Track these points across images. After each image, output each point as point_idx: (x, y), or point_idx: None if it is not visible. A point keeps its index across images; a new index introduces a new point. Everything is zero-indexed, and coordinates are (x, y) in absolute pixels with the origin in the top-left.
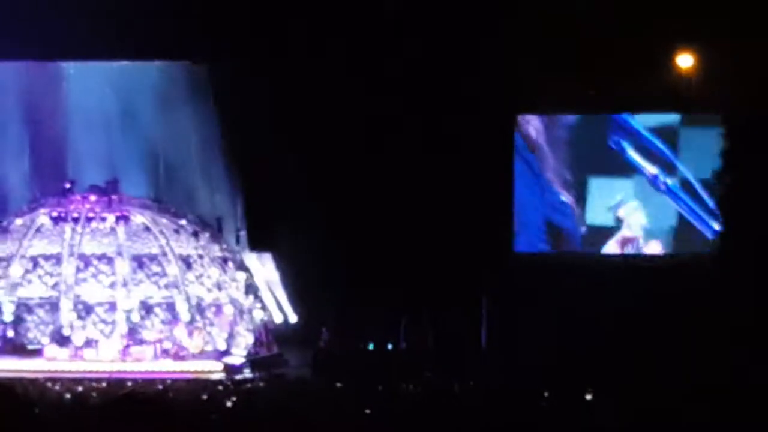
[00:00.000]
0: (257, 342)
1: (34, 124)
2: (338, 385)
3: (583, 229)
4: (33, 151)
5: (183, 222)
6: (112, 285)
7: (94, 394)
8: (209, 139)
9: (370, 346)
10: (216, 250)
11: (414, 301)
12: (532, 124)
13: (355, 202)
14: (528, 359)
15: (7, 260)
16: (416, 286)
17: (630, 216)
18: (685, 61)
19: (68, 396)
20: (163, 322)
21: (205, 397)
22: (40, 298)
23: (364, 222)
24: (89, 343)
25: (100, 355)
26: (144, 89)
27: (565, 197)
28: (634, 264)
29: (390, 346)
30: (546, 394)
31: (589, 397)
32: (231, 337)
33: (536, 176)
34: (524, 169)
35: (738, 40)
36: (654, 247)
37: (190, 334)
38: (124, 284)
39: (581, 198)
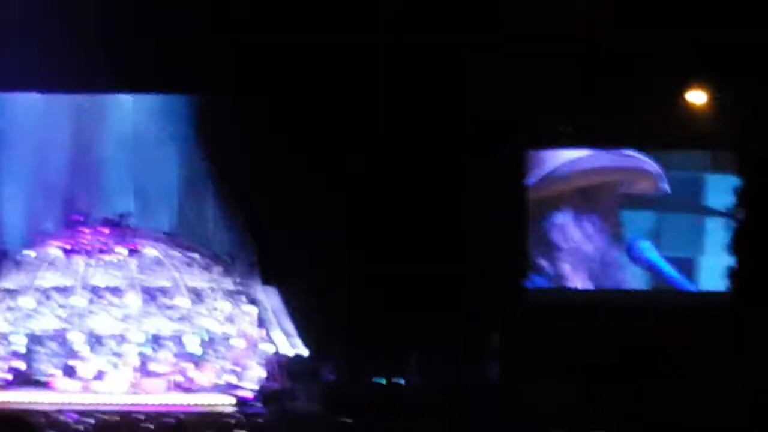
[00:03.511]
0: (268, 376)
1: (44, 156)
2: (347, 420)
3: None
4: (44, 183)
5: (195, 255)
6: (124, 317)
7: (105, 427)
8: (219, 170)
9: (381, 381)
10: (228, 284)
11: (425, 336)
12: None
13: (365, 235)
14: (541, 398)
15: (19, 292)
16: (428, 322)
17: None
18: (699, 97)
19: (80, 428)
20: (174, 355)
21: (216, 431)
22: (52, 330)
23: (376, 256)
24: (100, 375)
25: (111, 388)
26: (152, 121)
27: None
28: (651, 302)
29: (402, 381)
30: None
31: None
32: (242, 370)
33: None
34: None
35: (754, 77)
36: None
37: (201, 367)
38: (134, 316)
39: None
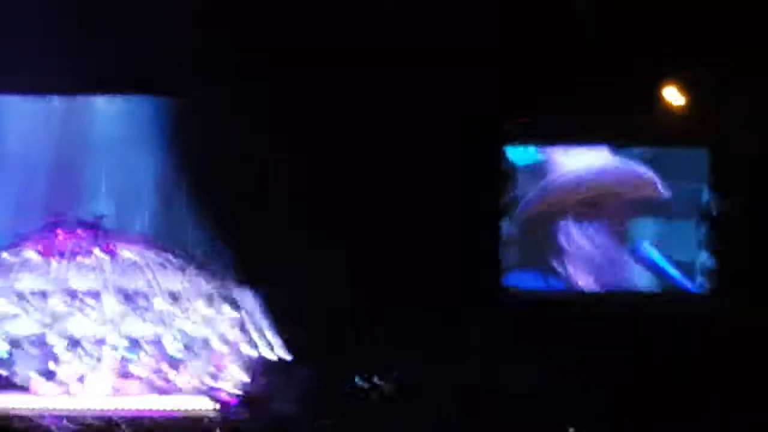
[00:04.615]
0: (246, 378)
1: (19, 158)
2: (326, 421)
3: None
4: (18, 185)
5: (170, 256)
6: (102, 320)
7: (84, 430)
8: (194, 172)
9: (358, 382)
10: (204, 285)
11: (401, 336)
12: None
13: (344, 235)
14: (514, 397)
15: None
16: (403, 321)
17: None
18: (673, 94)
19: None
20: (152, 357)
21: None
22: (28, 333)
23: (351, 256)
24: (78, 378)
25: (88, 391)
26: (126, 123)
27: None
28: (626, 302)
29: (382, 383)
30: None
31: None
32: (220, 372)
33: None
34: None
35: (727, 72)
36: None
37: (178, 369)
38: (112, 319)
39: None
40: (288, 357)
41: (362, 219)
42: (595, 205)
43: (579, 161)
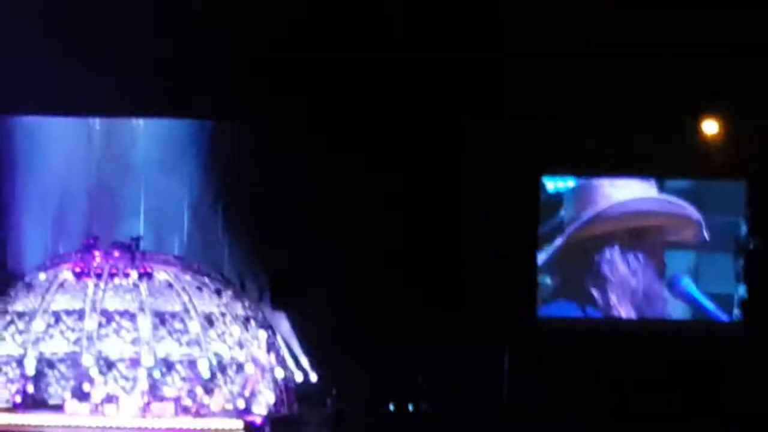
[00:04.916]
0: (278, 401)
1: (57, 179)
2: None
3: None
4: (55, 206)
5: (206, 279)
6: (134, 341)
7: None
8: (229, 195)
9: (391, 407)
10: (238, 308)
11: (435, 361)
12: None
13: (375, 260)
14: (547, 422)
15: (30, 315)
16: (437, 346)
17: None
18: (710, 126)
19: None
20: (184, 379)
21: None
22: (62, 353)
23: (384, 279)
24: (110, 398)
25: (121, 411)
26: (163, 146)
27: None
28: (660, 330)
29: (411, 406)
30: None
31: None
32: (252, 395)
33: None
34: None
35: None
36: None
37: (211, 391)
38: (146, 341)
39: None
40: (318, 380)
41: (394, 245)
42: (639, 237)
43: (626, 192)
